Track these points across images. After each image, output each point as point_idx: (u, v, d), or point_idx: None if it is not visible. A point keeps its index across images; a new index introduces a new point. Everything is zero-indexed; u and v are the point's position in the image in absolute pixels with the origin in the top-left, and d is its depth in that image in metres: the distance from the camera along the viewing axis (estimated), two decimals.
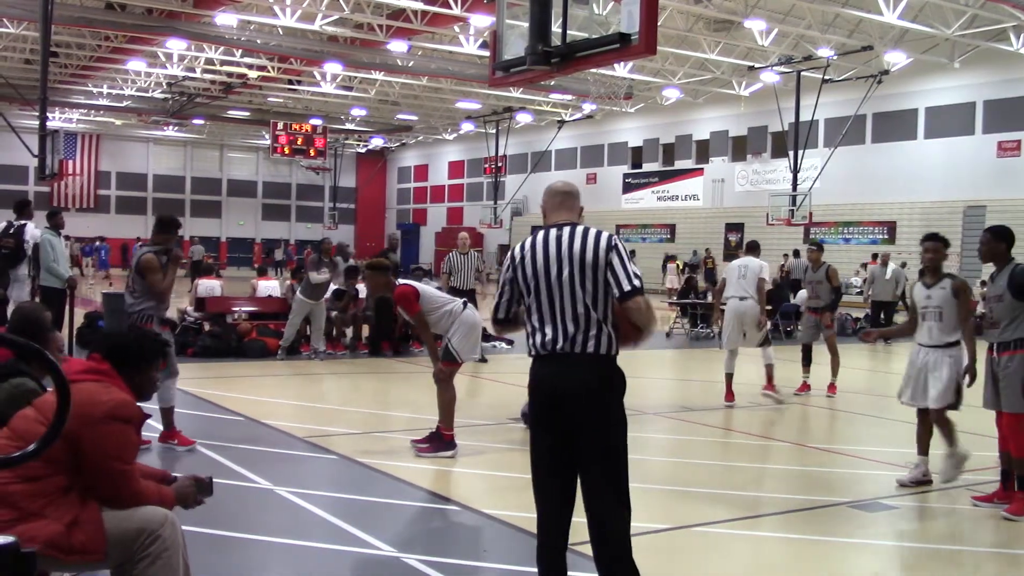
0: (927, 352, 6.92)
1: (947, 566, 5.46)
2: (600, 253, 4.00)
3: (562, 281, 4.00)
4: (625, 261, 4.02)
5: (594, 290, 3.99)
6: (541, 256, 4.06)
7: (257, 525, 5.58)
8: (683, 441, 9.04)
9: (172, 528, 3.52)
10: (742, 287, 10.67)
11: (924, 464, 7.01)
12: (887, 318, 19.96)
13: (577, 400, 3.93)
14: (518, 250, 4.15)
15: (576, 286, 3.99)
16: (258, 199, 57.20)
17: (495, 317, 4.25)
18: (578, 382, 3.94)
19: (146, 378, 3.75)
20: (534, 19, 7.68)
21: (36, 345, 2.39)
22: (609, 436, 3.98)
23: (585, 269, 3.99)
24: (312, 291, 13.72)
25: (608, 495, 3.96)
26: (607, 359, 3.98)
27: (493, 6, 9.08)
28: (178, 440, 7.62)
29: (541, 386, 4.04)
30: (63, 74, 36.57)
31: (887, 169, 32.69)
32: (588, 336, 3.96)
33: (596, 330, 3.97)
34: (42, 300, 10.88)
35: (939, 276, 7.00)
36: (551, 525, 4.01)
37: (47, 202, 43.46)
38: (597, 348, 3.95)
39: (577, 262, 4.00)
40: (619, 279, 3.98)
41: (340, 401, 11.16)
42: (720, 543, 5.68)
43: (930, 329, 6.90)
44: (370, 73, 34.82)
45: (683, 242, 39.15)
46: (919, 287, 7.11)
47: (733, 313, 10.77)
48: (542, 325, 4.04)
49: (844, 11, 25.19)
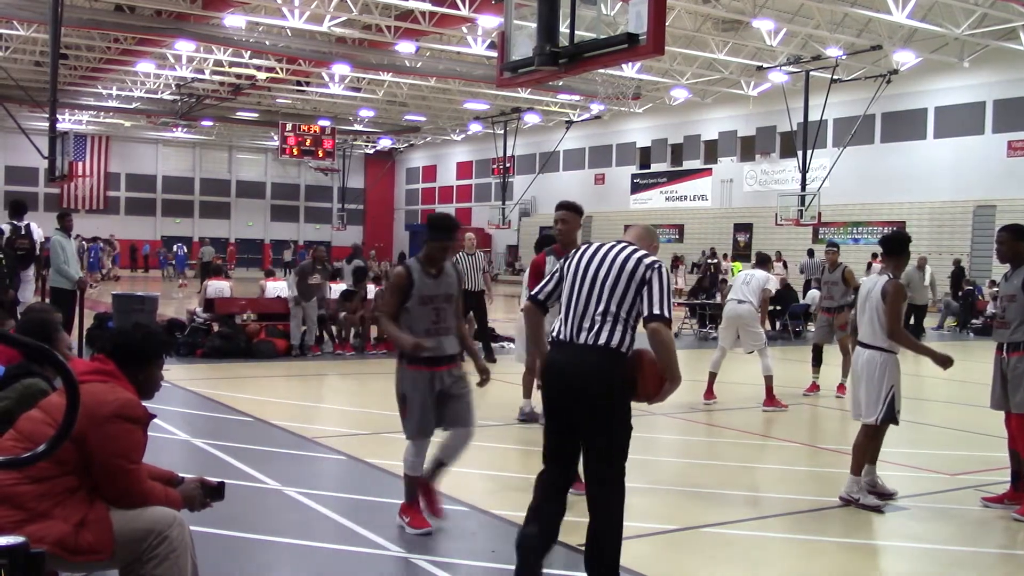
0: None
1: (957, 567, 5.43)
2: (642, 268, 4.22)
3: (596, 280, 4.24)
4: (664, 287, 4.20)
5: (622, 297, 4.18)
6: (588, 257, 4.36)
7: (265, 526, 5.59)
8: (692, 442, 9.02)
9: (180, 529, 3.53)
10: (743, 292, 10.78)
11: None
12: (918, 322, 19.23)
13: (584, 386, 4.11)
14: (577, 250, 4.46)
15: (607, 287, 4.20)
16: (267, 200, 57.32)
17: (532, 295, 4.59)
18: (587, 368, 4.13)
19: (150, 377, 3.75)
20: (542, 20, 7.69)
21: (45, 346, 2.40)
22: (612, 425, 4.13)
23: (622, 276, 4.21)
24: (304, 292, 14.09)
25: (603, 485, 4.17)
26: (618, 353, 4.13)
27: (501, 7, 9.09)
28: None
29: (551, 369, 4.26)
30: (73, 76, 36.70)
31: (896, 169, 32.58)
32: (603, 330, 4.13)
33: (612, 327, 4.14)
34: (52, 301, 10.93)
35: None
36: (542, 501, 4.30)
37: (57, 203, 43.66)
38: (609, 341, 4.12)
39: (617, 268, 4.24)
40: (652, 298, 4.16)
41: (348, 402, 11.18)
42: (729, 544, 5.66)
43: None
44: (378, 74, 34.87)
45: (692, 242, 39.11)
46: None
47: (729, 315, 10.92)
48: (567, 315, 4.29)
49: (853, 11, 25.11)
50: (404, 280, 5.51)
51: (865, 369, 6.37)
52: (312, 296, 14.24)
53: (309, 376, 12.83)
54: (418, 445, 5.54)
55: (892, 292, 6.29)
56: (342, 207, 53.64)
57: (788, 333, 19.23)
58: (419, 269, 5.56)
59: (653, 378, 4.18)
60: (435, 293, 5.55)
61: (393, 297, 5.56)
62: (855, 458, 6.43)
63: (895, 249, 6.63)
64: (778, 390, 10.57)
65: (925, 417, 6.98)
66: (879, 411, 6.30)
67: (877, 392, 6.29)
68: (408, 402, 5.48)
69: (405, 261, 5.92)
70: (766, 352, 10.57)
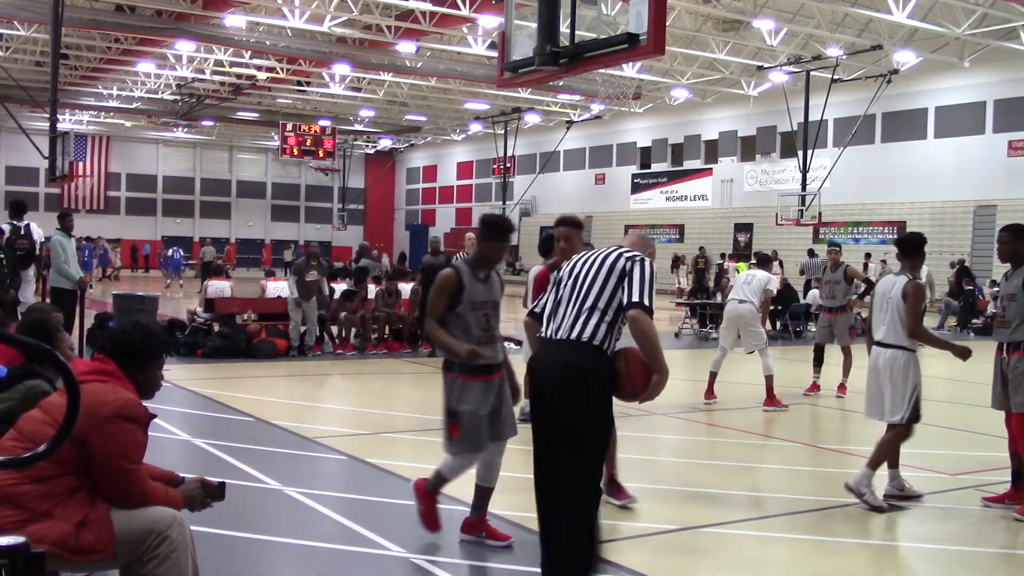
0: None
1: (957, 567, 5.43)
2: (623, 260, 4.23)
3: (579, 278, 4.29)
4: (645, 278, 4.18)
5: (601, 288, 4.19)
6: (578, 262, 4.40)
7: (266, 525, 5.59)
8: (692, 442, 9.02)
9: (181, 528, 3.53)
10: (743, 292, 10.81)
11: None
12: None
13: (557, 379, 4.10)
14: (570, 260, 4.51)
15: (588, 282, 4.23)
16: (267, 200, 57.33)
17: (531, 310, 4.70)
18: (562, 362, 4.13)
19: (150, 376, 3.75)
20: (542, 20, 7.69)
21: (46, 346, 2.40)
22: (582, 422, 4.07)
23: (602, 269, 4.23)
24: (304, 292, 14.10)
25: (571, 480, 4.09)
26: (592, 347, 4.11)
27: (501, 7, 9.09)
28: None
29: (529, 367, 4.31)
30: (73, 76, 36.71)
31: (897, 169, 32.57)
32: (577, 324, 4.15)
33: (587, 320, 4.14)
34: (52, 301, 10.94)
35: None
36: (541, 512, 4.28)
37: (57, 203, 43.67)
38: (581, 334, 4.12)
39: (599, 263, 4.27)
40: (632, 288, 4.14)
41: (349, 402, 11.18)
42: (730, 543, 5.66)
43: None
44: (378, 74, 34.87)
45: (692, 242, 39.08)
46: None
47: (729, 315, 10.95)
48: (550, 315, 4.36)
49: (853, 11, 25.11)
50: (454, 283, 5.09)
51: (888, 368, 6.41)
52: (312, 295, 14.22)
53: (309, 376, 12.84)
54: (463, 461, 5.24)
55: (913, 292, 6.40)
56: (342, 207, 53.66)
57: (788, 333, 19.24)
58: (468, 272, 5.16)
59: (639, 374, 4.09)
60: (485, 299, 5.19)
61: (441, 301, 5.09)
62: (876, 453, 6.41)
63: (911, 250, 6.75)
64: (779, 390, 10.56)
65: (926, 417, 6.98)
66: (905, 410, 6.34)
67: (903, 391, 6.35)
68: (459, 418, 5.06)
69: (453, 263, 5.43)
70: (767, 352, 10.57)
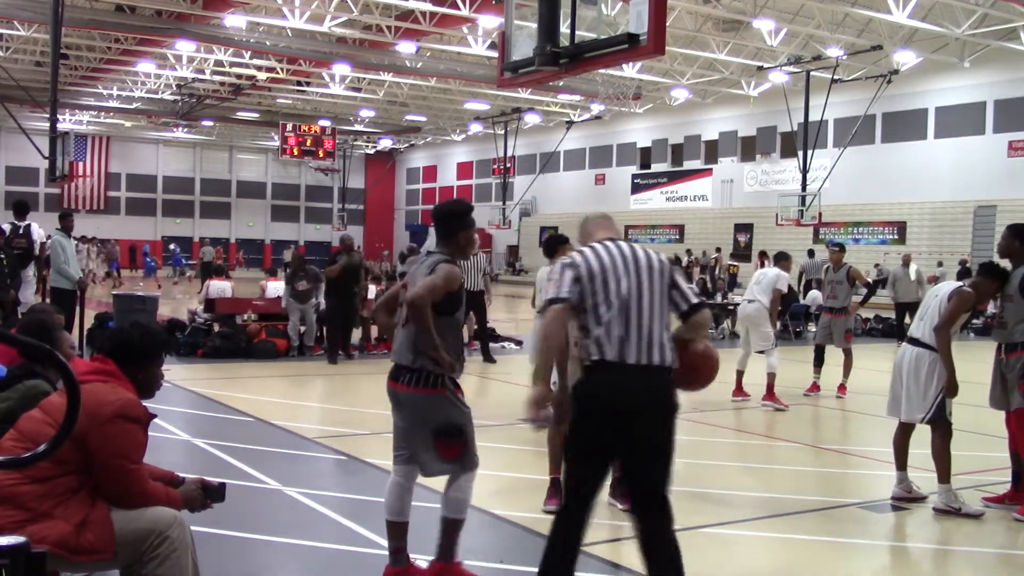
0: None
1: (958, 567, 5.43)
2: (665, 267, 3.97)
3: (641, 291, 3.86)
4: (683, 276, 4.05)
5: (661, 303, 3.91)
6: (608, 261, 3.91)
7: (266, 525, 5.59)
8: (695, 442, 9.00)
9: (181, 529, 3.53)
10: (752, 291, 10.96)
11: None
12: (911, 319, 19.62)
13: (651, 413, 3.85)
14: (578, 257, 3.95)
15: (654, 298, 3.88)
16: (267, 200, 57.34)
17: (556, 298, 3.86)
18: (653, 394, 3.87)
19: (150, 376, 3.75)
20: (543, 20, 7.69)
21: (46, 346, 2.40)
22: (670, 451, 3.95)
23: (653, 278, 3.90)
24: (298, 295, 14.24)
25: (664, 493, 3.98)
26: (671, 370, 3.92)
27: (502, 7, 9.09)
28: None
29: (602, 395, 3.83)
30: (73, 76, 36.71)
31: (897, 169, 32.58)
32: (664, 349, 3.87)
33: (668, 344, 3.90)
34: (52, 301, 10.95)
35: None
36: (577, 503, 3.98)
37: (57, 204, 43.67)
38: (666, 360, 3.87)
39: (645, 270, 3.90)
40: (685, 293, 3.95)
41: (349, 402, 11.17)
42: (732, 544, 5.66)
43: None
44: (379, 74, 34.88)
45: (692, 243, 39.10)
46: None
47: (740, 315, 11.29)
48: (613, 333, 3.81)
49: (853, 11, 25.11)
50: (462, 284, 4.74)
51: (912, 367, 6.36)
52: (307, 300, 14.32)
53: (309, 376, 12.83)
54: (471, 477, 4.83)
55: (959, 296, 6.31)
56: (342, 207, 53.65)
57: (789, 333, 19.23)
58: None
59: (701, 367, 4.06)
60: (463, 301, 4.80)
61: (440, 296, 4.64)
62: (938, 466, 6.27)
63: (985, 273, 6.61)
64: (779, 390, 10.57)
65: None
66: (928, 410, 6.28)
67: (924, 391, 6.29)
68: (467, 433, 4.78)
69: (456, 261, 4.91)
70: (773, 352, 10.63)
